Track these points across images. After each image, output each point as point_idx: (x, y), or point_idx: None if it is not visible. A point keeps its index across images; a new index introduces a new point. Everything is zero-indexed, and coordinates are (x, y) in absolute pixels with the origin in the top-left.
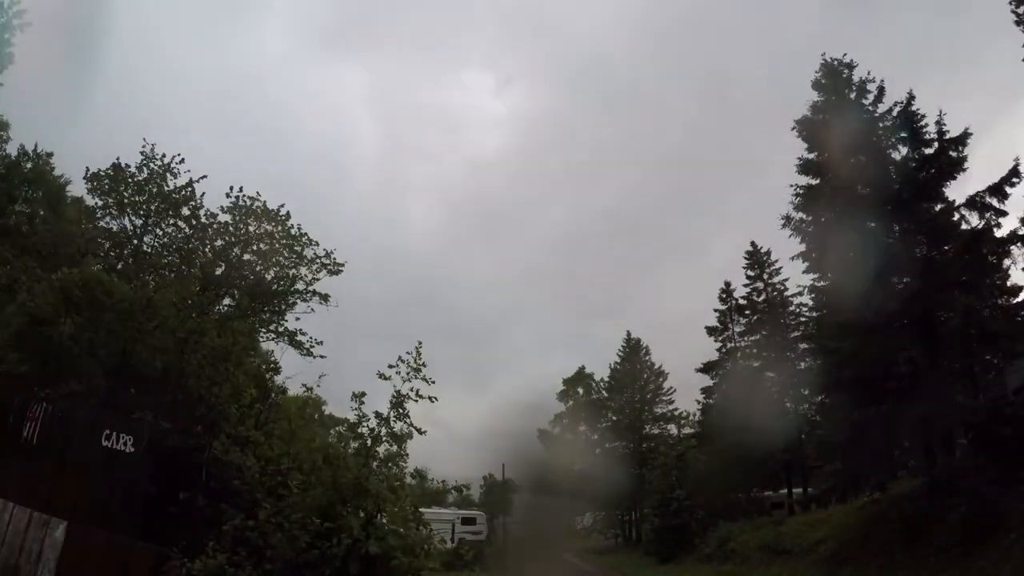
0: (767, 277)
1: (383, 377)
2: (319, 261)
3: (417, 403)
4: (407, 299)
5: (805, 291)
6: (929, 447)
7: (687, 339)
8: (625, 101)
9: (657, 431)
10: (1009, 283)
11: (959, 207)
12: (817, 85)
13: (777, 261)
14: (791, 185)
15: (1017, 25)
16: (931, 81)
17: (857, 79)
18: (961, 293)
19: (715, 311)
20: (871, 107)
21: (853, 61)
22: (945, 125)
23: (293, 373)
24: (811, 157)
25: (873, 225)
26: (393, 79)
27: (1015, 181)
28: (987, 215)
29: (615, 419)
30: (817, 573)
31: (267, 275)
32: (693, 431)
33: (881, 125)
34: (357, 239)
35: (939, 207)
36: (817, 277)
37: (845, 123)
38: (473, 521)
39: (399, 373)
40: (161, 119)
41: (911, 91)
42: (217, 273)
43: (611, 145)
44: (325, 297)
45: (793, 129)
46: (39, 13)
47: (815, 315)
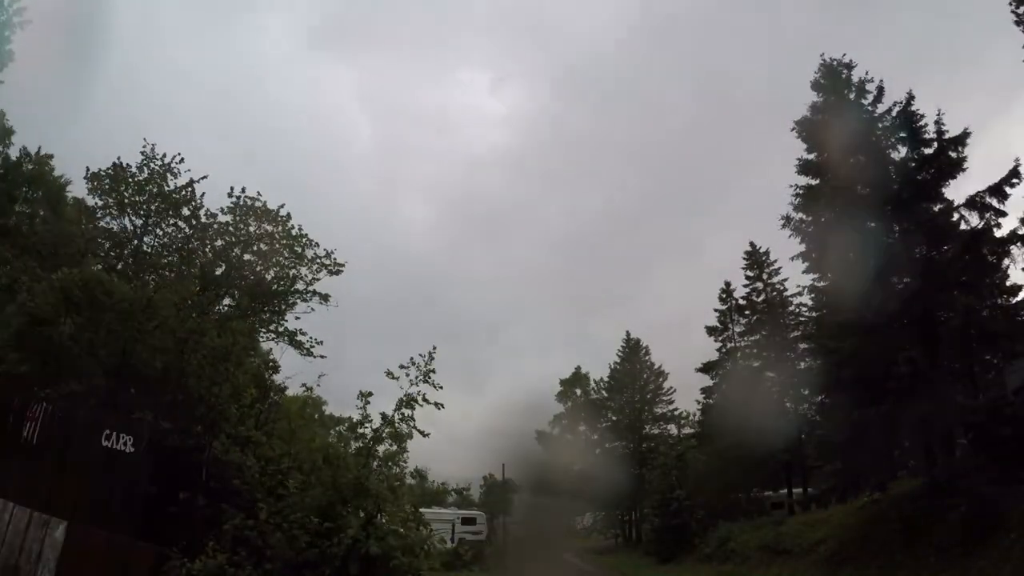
0: (767, 277)
1: (391, 376)
2: (319, 261)
3: (423, 407)
4: (406, 299)
5: (805, 291)
6: (929, 447)
7: (687, 339)
8: (624, 100)
9: (657, 431)
10: (1009, 283)
11: (959, 207)
12: (816, 85)
13: (777, 261)
14: (791, 185)
15: (1017, 25)
16: (931, 81)
17: (856, 79)
18: (961, 293)
19: (715, 311)
20: (871, 107)
21: (852, 61)
22: (944, 125)
23: (293, 373)
24: (811, 157)
25: (873, 225)
26: (392, 79)
27: (1015, 181)
28: (987, 215)
29: (615, 419)
30: (817, 573)
31: (267, 275)
32: (693, 431)
33: (881, 125)
34: (356, 239)
35: (939, 207)
36: (817, 277)
37: (845, 123)
38: (473, 521)
39: (408, 375)
40: (161, 119)
41: (910, 91)
42: (217, 273)
43: (610, 144)
44: (325, 297)
45: (792, 129)
46: (39, 11)
47: (815, 315)
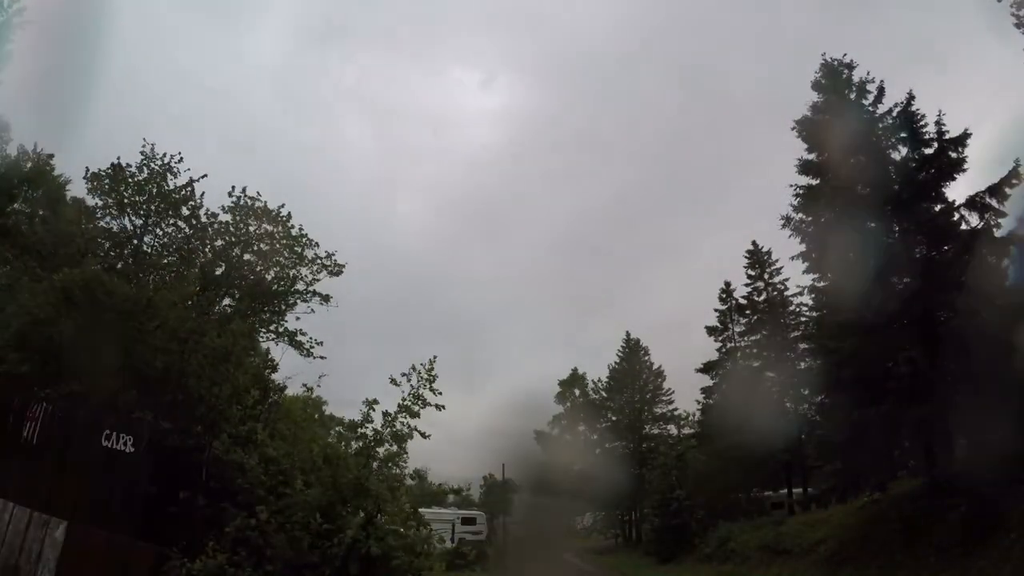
0: (767, 277)
1: (394, 383)
2: (319, 262)
3: (424, 410)
4: (406, 299)
5: (805, 291)
6: (929, 447)
7: (686, 339)
8: (624, 100)
9: (657, 431)
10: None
11: (959, 207)
12: (817, 85)
13: (777, 261)
14: (791, 185)
15: (1017, 28)
16: (931, 81)
17: (857, 79)
18: (961, 293)
19: (715, 311)
20: (871, 107)
21: (853, 61)
22: (945, 125)
23: (293, 373)
24: (811, 157)
25: (873, 225)
26: (389, 79)
27: (1015, 182)
28: (987, 215)
29: (615, 419)
30: (817, 573)
31: (267, 275)
32: (693, 431)
33: (881, 125)
34: (355, 239)
35: (939, 207)
36: (817, 277)
37: (845, 123)
38: (473, 521)
39: (410, 381)
40: (161, 119)
41: (911, 91)
42: (217, 273)
43: (609, 144)
44: (326, 298)
45: (793, 129)
46: (39, 11)
47: (815, 315)
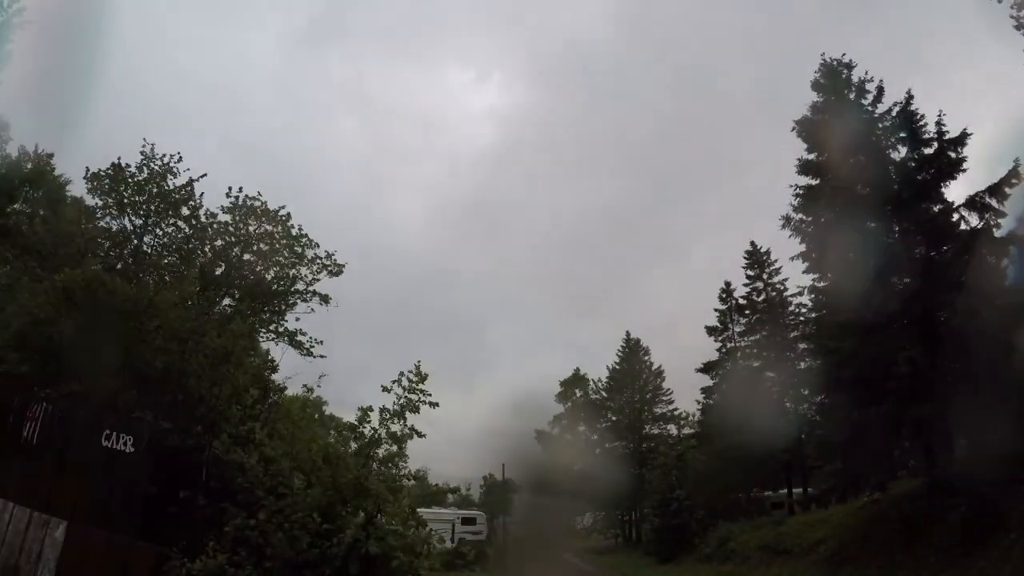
0: (767, 277)
1: (386, 390)
2: (319, 262)
3: (421, 410)
4: (405, 299)
5: (805, 291)
6: (929, 447)
7: (686, 339)
8: (623, 100)
9: (657, 431)
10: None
11: (959, 207)
12: (816, 85)
13: (777, 261)
14: (791, 186)
15: (1017, 29)
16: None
17: (856, 79)
18: (961, 293)
19: (715, 311)
20: (871, 107)
21: (852, 61)
22: (944, 125)
23: (293, 373)
24: (811, 158)
25: (873, 225)
26: (387, 78)
27: (1015, 182)
28: (987, 215)
29: (615, 419)
30: (817, 573)
31: (267, 275)
32: (693, 431)
33: (881, 125)
34: (354, 239)
35: (939, 207)
36: (817, 277)
37: (845, 123)
38: (473, 521)
39: (402, 386)
40: (161, 119)
41: (910, 91)
42: (217, 273)
43: (607, 144)
44: (325, 298)
45: (793, 129)
46: (39, 11)
47: (815, 315)
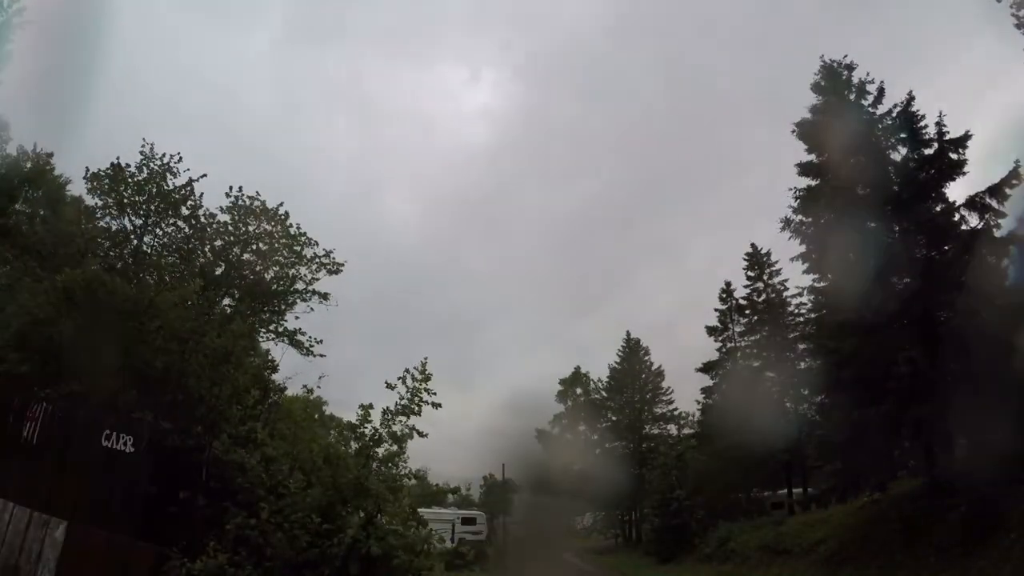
0: (767, 278)
1: (390, 387)
2: (318, 260)
3: (423, 410)
4: (405, 299)
5: (805, 292)
6: (929, 447)
7: (686, 339)
8: (624, 100)
9: (657, 431)
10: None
11: (959, 207)
12: (816, 87)
13: (777, 262)
14: (791, 188)
15: (1018, 28)
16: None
17: (857, 80)
18: (961, 293)
19: (715, 311)
20: (871, 108)
21: (853, 62)
22: (945, 126)
23: (293, 373)
24: (811, 159)
25: (873, 226)
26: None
27: (1015, 182)
28: (987, 216)
29: (615, 419)
30: (817, 573)
31: (267, 275)
32: (693, 431)
33: (881, 126)
34: (354, 239)
35: (939, 208)
36: (817, 278)
37: (845, 124)
38: (473, 521)
39: (406, 384)
40: (160, 119)
41: (910, 92)
42: (217, 273)
43: (607, 143)
44: (325, 296)
45: (793, 131)
46: (39, 11)
47: (815, 315)
